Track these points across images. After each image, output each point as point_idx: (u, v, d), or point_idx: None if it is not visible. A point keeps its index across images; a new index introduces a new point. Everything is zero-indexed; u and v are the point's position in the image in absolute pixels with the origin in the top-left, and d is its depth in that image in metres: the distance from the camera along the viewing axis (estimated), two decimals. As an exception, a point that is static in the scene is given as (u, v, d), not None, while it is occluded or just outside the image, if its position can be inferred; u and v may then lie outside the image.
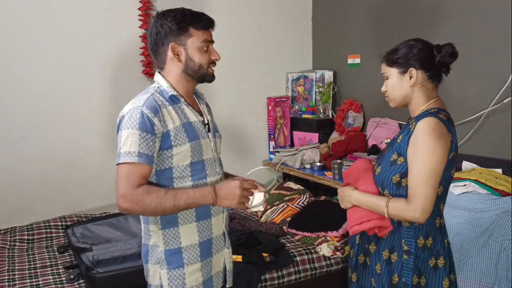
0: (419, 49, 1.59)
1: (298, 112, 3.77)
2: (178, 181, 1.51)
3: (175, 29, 1.51)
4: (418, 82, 1.59)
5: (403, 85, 1.60)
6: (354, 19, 3.44)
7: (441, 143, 1.49)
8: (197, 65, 1.54)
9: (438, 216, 1.61)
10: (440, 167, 1.49)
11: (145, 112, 1.44)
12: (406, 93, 1.61)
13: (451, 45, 1.58)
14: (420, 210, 1.48)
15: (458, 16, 2.71)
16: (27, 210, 2.96)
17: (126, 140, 1.43)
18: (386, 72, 1.64)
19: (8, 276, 2.29)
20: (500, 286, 2.01)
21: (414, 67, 1.58)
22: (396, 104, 1.65)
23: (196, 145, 1.53)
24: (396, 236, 1.60)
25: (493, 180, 2.34)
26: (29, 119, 2.93)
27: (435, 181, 1.49)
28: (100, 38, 3.06)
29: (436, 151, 1.47)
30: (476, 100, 2.65)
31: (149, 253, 1.55)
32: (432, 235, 1.59)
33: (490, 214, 2.18)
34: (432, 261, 1.58)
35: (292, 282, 2.43)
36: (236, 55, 3.54)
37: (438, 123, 1.51)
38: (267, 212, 2.96)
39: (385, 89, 1.66)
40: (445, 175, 1.54)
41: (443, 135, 1.50)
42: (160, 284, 1.53)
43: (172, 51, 1.52)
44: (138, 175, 1.42)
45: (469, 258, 2.12)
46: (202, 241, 1.57)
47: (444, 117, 1.55)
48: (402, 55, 1.59)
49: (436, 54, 1.58)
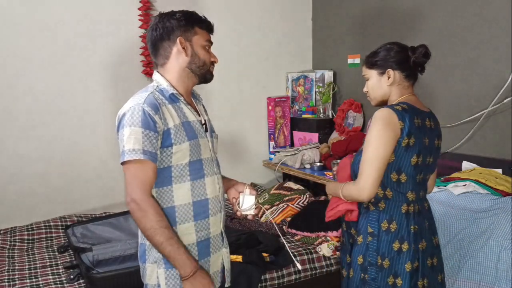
0: (395, 51, 1.72)
1: (298, 112, 3.77)
2: (177, 181, 1.52)
3: (183, 24, 1.55)
4: (396, 82, 1.73)
5: (382, 85, 1.75)
6: (354, 19, 3.44)
7: (386, 130, 1.60)
8: (201, 61, 1.58)
9: (405, 203, 1.69)
10: (383, 151, 1.60)
11: (146, 109, 1.45)
12: (384, 92, 1.75)
13: (425, 46, 1.72)
14: (362, 188, 1.63)
15: (458, 16, 2.71)
16: (27, 210, 2.96)
17: (129, 137, 1.43)
18: (366, 74, 1.79)
19: (8, 276, 2.29)
20: (500, 286, 2.01)
21: (391, 68, 1.72)
22: (377, 103, 1.80)
23: (195, 144, 1.54)
24: (364, 220, 1.73)
25: (493, 180, 2.34)
26: (29, 119, 2.93)
27: (379, 163, 1.61)
28: (100, 38, 3.06)
29: (380, 136, 1.60)
30: (476, 100, 2.65)
31: (147, 252, 1.55)
32: (396, 220, 1.68)
33: (490, 214, 2.18)
34: (396, 245, 1.67)
35: (292, 282, 2.44)
36: (236, 55, 3.54)
37: (388, 112, 1.63)
38: (267, 212, 2.96)
39: (367, 90, 1.81)
40: (404, 162, 1.64)
41: (390, 123, 1.61)
42: (157, 283, 1.53)
43: (180, 44, 1.55)
44: (148, 177, 1.45)
45: (469, 258, 2.12)
46: (200, 240, 1.57)
47: (399, 108, 1.65)
48: (380, 58, 1.73)
49: (411, 55, 1.71)
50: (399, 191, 1.67)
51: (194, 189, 1.55)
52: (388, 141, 1.61)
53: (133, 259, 2.25)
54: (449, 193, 2.39)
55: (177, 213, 1.53)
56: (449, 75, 2.79)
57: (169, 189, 1.52)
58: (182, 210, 1.53)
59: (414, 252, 1.68)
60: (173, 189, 1.52)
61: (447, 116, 2.80)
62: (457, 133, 2.75)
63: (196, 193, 1.55)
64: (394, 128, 1.61)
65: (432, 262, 1.75)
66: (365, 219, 1.73)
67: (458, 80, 2.74)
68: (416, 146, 1.64)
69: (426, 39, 2.89)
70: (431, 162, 1.74)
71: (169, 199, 1.53)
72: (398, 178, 1.66)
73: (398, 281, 1.67)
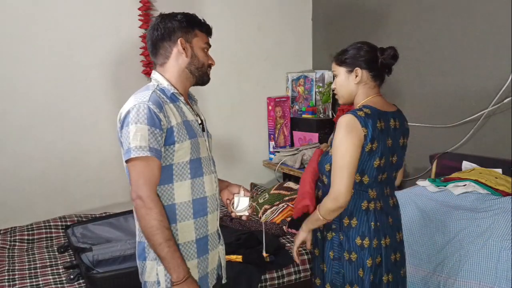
0: (365, 51, 1.75)
1: (298, 112, 3.77)
2: (178, 179, 1.54)
3: (184, 26, 1.58)
4: (363, 81, 1.75)
5: (350, 83, 1.77)
6: (355, 20, 3.44)
7: (349, 137, 1.64)
8: (200, 62, 1.61)
9: (366, 200, 1.74)
10: (349, 157, 1.65)
11: (151, 107, 1.47)
12: (351, 91, 1.77)
13: (394, 48, 1.75)
14: (337, 197, 1.66)
15: (459, 16, 2.72)
16: (27, 210, 2.96)
17: (136, 135, 1.44)
18: (335, 70, 1.80)
19: (8, 276, 2.29)
20: (500, 286, 2.01)
21: (359, 66, 1.74)
22: (344, 101, 1.82)
23: (194, 142, 1.56)
24: None
25: (493, 180, 2.34)
26: (29, 119, 2.93)
27: (348, 169, 1.65)
28: (100, 38, 3.06)
29: (344, 143, 1.65)
30: (476, 100, 2.65)
31: (146, 250, 1.56)
32: (356, 216, 1.73)
33: (490, 214, 2.18)
34: (359, 240, 1.73)
35: (292, 282, 2.44)
36: (236, 55, 3.54)
37: (352, 119, 1.66)
38: (267, 212, 2.96)
39: (334, 87, 1.83)
40: (368, 165, 1.69)
41: (353, 129, 1.65)
42: (156, 280, 1.54)
43: (180, 45, 1.57)
44: (154, 174, 1.46)
45: (469, 258, 2.12)
46: (199, 238, 1.59)
47: (362, 114, 1.68)
48: (350, 56, 1.76)
49: (379, 56, 1.74)
50: (361, 190, 1.72)
51: (194, 187, 1.57)
52: (353, 148, 1.65)
53: (133, 259, 2.22)
54: (449, 193, 2.39)
55: (177, 210, 1.54)
56: (449, 75, 2.79)
57: (170, 187, 1.54)
58: (182, 208, 1.55)
59: (377, 248, 1.73)
60: (174, 187, 1.54)
61: (447, 116, 2.81)
62: (457, 133, 2.75)
63: (195, 191, 1.57)
64: (358, 134, 1.65)
65: (395, 257, 1.80)
66: None
67: (459, 80, 2.74)
68: (379, 149, 1.69)
69: (426, 39, 2.90)
70: (396, 161, 1.78)
71: (170, 197, 1.54)
72: (361, 179, 1.71)
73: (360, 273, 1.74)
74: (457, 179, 2.43)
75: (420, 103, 2.96)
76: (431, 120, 2.90)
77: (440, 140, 2.86)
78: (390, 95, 3.21)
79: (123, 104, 1.54)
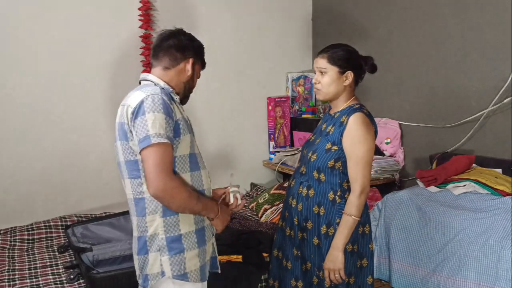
0: (356, 56, 1.88)
1: (298, 112, 3.77)
2: (180, 171, 1.60)
3: (198, 52, 1.73)
4: (349, 84, 1.87)
5: (340, 84, 1.86)
6: (355, 20, 3.44)
7: (370, 133, 1.81)
8: (192, 85, 1.76)
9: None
10: (371, 152, 1.82)
11: (164, 98, 1.54)
12: (338, 91, 1.87)
13: (372, 58, 1.89)
14: (361, 190, 1.80)
15: (459, 16, 2.72)
16: (27, 210, 2.96)
17: (155, 122, 1.49)
18: (326, 68, 1.85)
19: (8, 276, 2.29)
20: (500, 286, 2.01)
21: (351, 70, 1.85)
22: (326, 98, 1.91)
23: (191, 138, 1.65)
24: (333, 213, 1.87)
25: (493, 180, 2.34)
26: (29, 119, 2.93)
27: (369, 165, 1.82)
28: (100, 38, 3.06)
29: (368, 139, 1.80)
30: (476, 100, 2.65)
31: (148, 243, 1.60)
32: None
33: (490, 214, 2.18)
34: (360, 229, 1.87)
35: (292, 282, 2.43)
36: (236, 55, 3.54)
37: (365, 117, 1.83)
38: (267, 212, 2.96)
39: (319, 82, 1.88)
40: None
41: (369, 126, 1.82)
42: (161, 271, 1.59)
43: (191, 63, 1.69)
44: (170, 161, 1.52)
45: (469, 258, 2.12)
46: (197, 228, 1.66)
47: (366, 112, 1.87)
48: (344, 58, 1.84)
49: (363, 64, 1.88)
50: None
51: (193, 180, 1.64)
52: (374, 143, 1.83)
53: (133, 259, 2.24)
54: (449, 193, 2.39)
55: None
56: (449, 75, 2.79)
57: None
58: None
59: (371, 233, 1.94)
60: None
61: (447, 116, 2.81)
62: (457, 133, 2.76)
63: (195, 184, 1.64)
64: (372, 130, 1.84)
65: None
66: (333, 212, 1.86)
67: (459, 80, 2.74)
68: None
69: (426, 38, 2.90)
70: None
71: None
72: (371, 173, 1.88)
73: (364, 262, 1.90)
74: (457, 179, 2.43)
75: (420, 103, 2.96)
76: (431, 120, 2.90)
77: (440, 140, 2.86)
78: (390, 95, 3.22)
79: (124, 104, 1.56)
